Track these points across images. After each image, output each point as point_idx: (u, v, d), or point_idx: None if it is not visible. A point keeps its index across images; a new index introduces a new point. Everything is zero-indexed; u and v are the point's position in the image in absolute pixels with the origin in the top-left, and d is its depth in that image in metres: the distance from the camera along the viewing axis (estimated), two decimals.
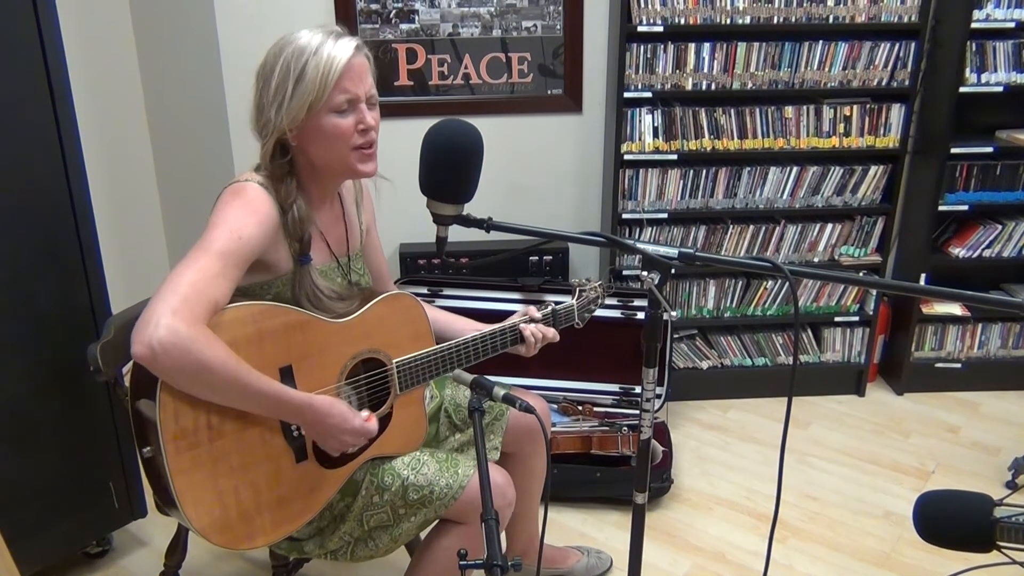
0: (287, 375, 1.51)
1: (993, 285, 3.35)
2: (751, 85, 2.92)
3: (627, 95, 2.88)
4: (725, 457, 2.91)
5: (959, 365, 3.29)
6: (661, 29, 2.82)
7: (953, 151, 2.98)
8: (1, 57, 1.87)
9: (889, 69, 2.93)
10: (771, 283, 3.15)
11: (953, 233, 3.22)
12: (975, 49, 2.90)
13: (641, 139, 2.94)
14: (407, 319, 1.72)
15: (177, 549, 2.02)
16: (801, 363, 3.28)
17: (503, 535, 2.02)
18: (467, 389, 1.52)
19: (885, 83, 2.94)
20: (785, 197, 3.05)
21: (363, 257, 1.80)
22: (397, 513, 1.68)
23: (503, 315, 1.87)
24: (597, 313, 2.82)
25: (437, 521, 1.74)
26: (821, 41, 2.88)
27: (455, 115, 1.44)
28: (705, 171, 2.99)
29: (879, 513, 2.62)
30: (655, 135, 2.94)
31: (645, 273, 1.35)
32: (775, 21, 2.84)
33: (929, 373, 3.30)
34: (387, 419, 1.68)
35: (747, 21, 2.84)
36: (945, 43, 2.94)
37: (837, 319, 3.21)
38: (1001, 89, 2.94)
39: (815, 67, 2.91)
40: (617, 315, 2.88)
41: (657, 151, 2.95)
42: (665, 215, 3.03)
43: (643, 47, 2.84)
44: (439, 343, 1.74)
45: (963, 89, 2.92)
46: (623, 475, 2.57)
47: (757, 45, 2.87)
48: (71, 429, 2.15)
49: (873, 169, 3.03)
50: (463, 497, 1.67)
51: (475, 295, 2.86)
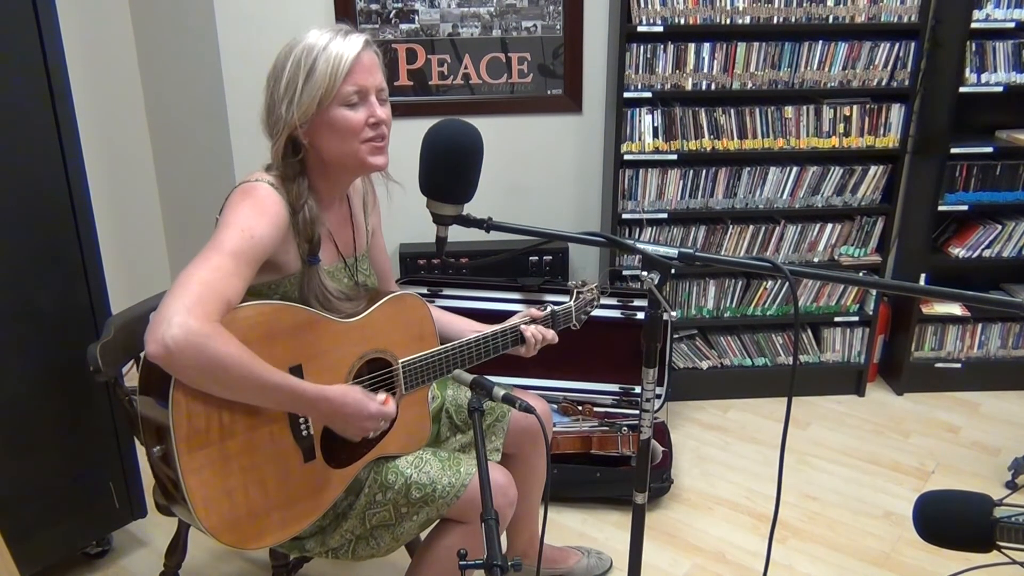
0: (296, 374, 1.51)
1: (993, 285, 3.35)
2: (751, 85, 2.92)
3: (627, 95, 2.88)
4: (725, 457, 2.91)
5: (959, 365, 3.29)
6: (661, 29, 2.82)
7: (953, 151, 2.98)
8: (1, 57, 1.87)
9: (889, 69, 2.93)
10: (771, 283, 3.15)
11: (953, 233, 3.22)
12: (975, 49, 2.90)
13: (641, 139, 2.94)
14: (413, 319, 1.73)
15: (177, 549, 2.02)
16: (801, 363, 3.28)
17: (504, 535, 2.02)
18: (468, 389, 1.52)
19: (885, 83, 2.94)
20: (785, 197, 3.05)
21: (369, 258, 1.81)
22: (399, 512, 1.69)
23: (503, 315, 1.88)
24: (597, 313, 2.83)
25: (438, 520, 1.74)
26: (821, 41, 2.88)
27: (455, 115, 1.45)
28: (705, 171, 2.99)
29: (879, 513, 2.62)
30: (655, 135, 2.94)
31: (645, 273, 1.35)
32: (775, 21, 2.85)
33: (929, 373, 3.30)
34: (392, 419, 1.68)
35: (747, 21, 2.84)
36: (945, 43, 2.94)
37: (837, 319, 3.22)
38: (1001, 89, 2.94)
39: (815, 67, 2.91)
40: (617, 315, 2.88)
41: (657, 151, 2.95)
42: (665, 215, 3.03)
43: (643, 47, 2.84)
44: (442, 343, 1.75)
45: (963, 89, 2.92)
46: (623, 475, 2.57)
47: (757, 45, 2.87)
48: (71, 429, 2.15)
49: (873, 169, 3.03)
50: (465, 496, 1.67)
51: (475, 295, 2.87)
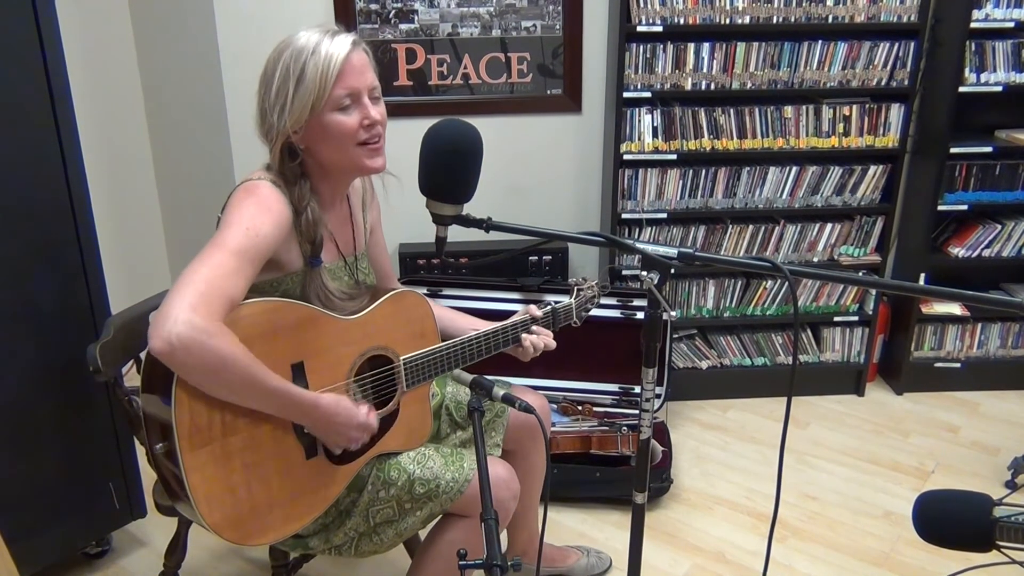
0: (299, 371, 1.52)
1: (992, 285, 3.35)
2: (750, 85, 2.92)
3: (626, 95, 2.88)
4: (725, 457, 2.91)
5: (958, 365, 3.29)
6: (660, 29, 2.82)
7: (952, 151, 2.99)
8: (0, 58, 1.87)
9: (888, 69, 2.93)
10: (770, 283, 3.15)
11: (952, 233, 3.22)
12: (974, 49, 2.90)
13: (640, 139, 2.94)
14: (414, 317, 1.73)
15: (177, 549, 2.02)
16: (800, 363, 3.28)
17: (504, 533, 2.02)
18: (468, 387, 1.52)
19: (884, 83, 2.94)
20: (784, 197, 3.05)
21: (368, 256, 1.81)
22: (403, 507, 1.69)
23: (503, 315, 1.88)
24: (597, 313, 2.84)
25: (441, 517, 1.75)
26: (820, 41, 2.88)
27: (454, 115, 1.44)
28: (704, 171, 2.99)
29: (879, 513, 2.62)
30: (654, 135, 2.94)
31: (644, 273, 1.35)
32: (774, 21, 2.85)
33: (929, 373, 3.30)
34: (394, 415, 1.69)
35: (746, 21, 2.84)
36: (944, 43, 2.94)
37: (836, 319, 3.22)
38: (1000, 89, 2.94)
39: (814, 67, 2.91)
40: (617, 315, 2.88)
41: (656, 151, 2.95)
42: (664, 215, 3.03)
43: (642, 47, 2.84)
44: (443, 340, 1.75)
45: (962, 89, 2.92)
46: (623, 475, 2.57)
47: (756, 45, 2.87)
48: (70, 429, 2.15)
49: (872, 169, 3.03)
50: (468, 491, 1.68)
51: (475, 295, 2.86)
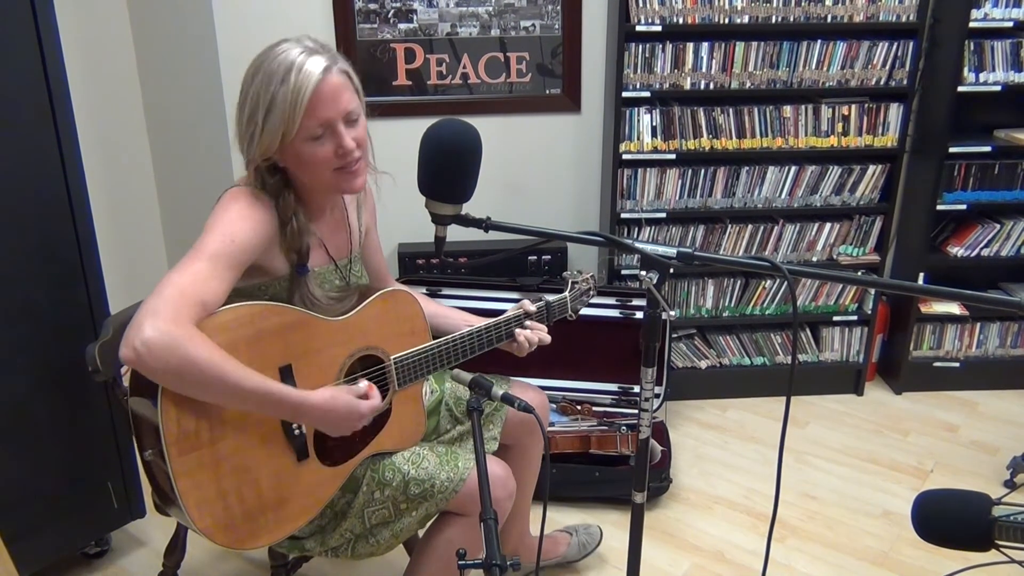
0: (287, 374, 1.51)
1: (991, 284, 3.35)
2: (749, 84, 2.92)
3: (625, 95, 2.88)
4: (724, 456, 2.91)
5: (957, 364, 3.29)
6: (659, 28, 2.82)
7: (951, 150, 2.98)
8: None
9: (887, 68, 2.93)
10: (770, 282, 3.15)
11: (951, 232, 3.22)
12: (973, 48, 2.90)
13: (639, 139, 2.94)
14: (404, 315, 1.72)
15: (176, 549, 2.03)
16: (800, 362, 3.28)
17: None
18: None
19: (883, 82, 2.94)
20: (783, 196, 3.05)
21: (361, 258, 1.81)
22: (398, 508, 1.69)
23: (501, 315, 1.87)
24: (596, 313, 2.85)
25: (437, 515, 1.75)
26: (819, 40, 2.88)
27: (453, 115, 1.44)
28: (704, 170, 2.99)
29: (878, 512, 2.62)
30: (653, 135, 2.94)
31: (644, 272, 1.35)
32: (773, 20, 2.85)
33: (928, 372, 3.30)
34: (386, 415, 1.68)
35: (745, 21, 2.84)
36: (943, 42, 2.94)
37: (836, 318, 3.22)
38: (999, 88, 2.94)
39: (813, 66, 2.91)
40: (616, 315, 2.88)
41: (656, 151, 2.95)
42: (664, 214, 3.03)
43: (641, 46, 2.84)
44: (435, 337, 1.74)
45: (961, 88, 2.92)
46: (622, 475, 2.57)
47: (755, 44, 2.87)
48: (69, 429, 2.15)
49: (871, 168, 3.03)
50: (464, 490, 1.68)
51: (474, 295, 2.86)
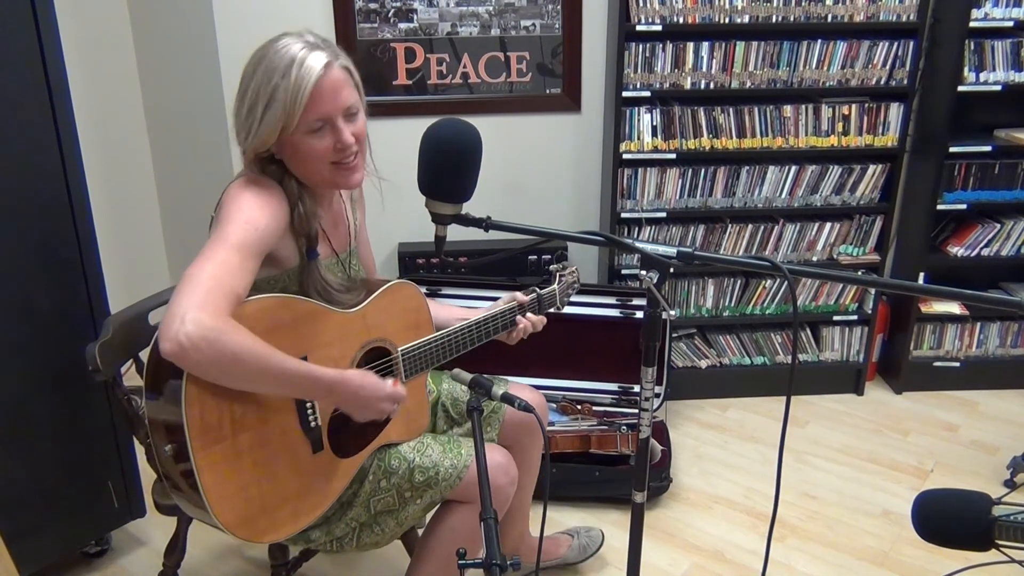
0: None
1: (991, 284, 3.35)
2: (750, 84, 2.92)
3: (626, 94, 2.88)
4: (724, 456, 2.91)
5: (958, 364, 3.29)
6: (660, 28, 2.82)
7: (951, 150, 2.98)
8: None
9: (888, 68, 2.93)
10: (770, 282, 3.15)
11: (952, 232, 3.22)
12: (973, 48, 2.90)
13: (640, 138, 2.94)
14: (409, 308, 1.75)
15: (176, 548, 2.02)
16: (800, 362, 3.28)
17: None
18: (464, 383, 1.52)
19: (884, 82, 2.94)
20: (784, 196, 3.05)
21: (356, 253, 1.82)
22: (403, 496, 1.70)
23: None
24: (596, 312, 2.85)
25: (439, 505, 1.77)
26: (820, 40, 2.88)
27: (454, 114, 1.44)
28: (704, 170, 2.99)
29: (878, 512, 2.62)
30: (654, 134, 2.94)
31: (644, 272, 1.35)
32: (774, 20, 2.84)
33: (928, 372, 3.30)
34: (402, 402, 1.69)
35: (745, 20, 2.84)
36: (943, 42, 2.94)
37: (836, 318, 3.22)
38: (999, 88, 2.94)
39: (813, 66, 2.91)
40: (616, 314, 2.88)
41: (656, 150, 2.95)
42: (664, 214, 3.03)
43: (642, 46, 2.84)
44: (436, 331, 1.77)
45: (961, 88, 2.92)
46: (622, 474, 2.57)
47: (756, 44, 2.87)
48: (69, 429, 2.15)
49: (872, 168, 3.03)
50: (467, 478, 1.70)
51: (474, 295, 2.86)
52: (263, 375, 1.40)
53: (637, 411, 1.52)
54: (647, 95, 2.89)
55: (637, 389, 2.82)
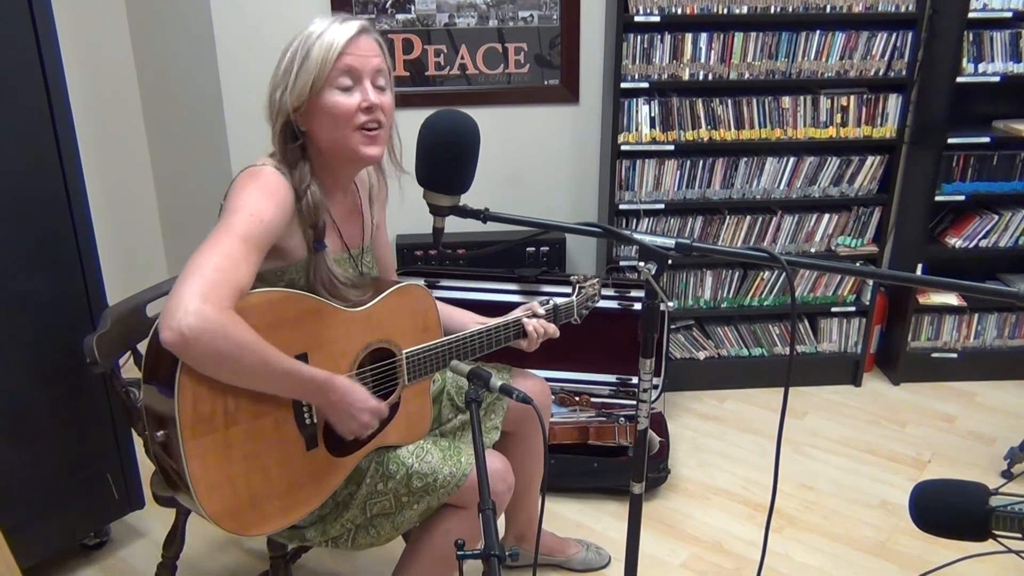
0: (302, 363, 1.52)
1: (989, 275, 3.35)
2: (748, 75, 2.91)
3: (624, 85, 2.87)
4: (722, 447, 2.92)
5: (955, 355, 3.30)
6: (658, 19, 2.81)
7: (950, 141, 2.98)
8: None
9: (886, 59, 2.92)
10: (768, 273, 3.15)
11: (950, 223, 3.22)
12: (972, 39, 2.89)
13: (638, 130, 2.94)
14: (417, 310, 1.73)
15: (175, 540, 2.03)
16: (798, 353, 3.28)
17: (502, 516, 2.03)
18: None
19: (882, 73, 2.94)
20: (782, 187, 3.04)
21: (372, 251, 1.81)
22: (400, 501, 1.70)
23: (501, 306, 1.88)
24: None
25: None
26: (818, 31, 2.87)
27: (451, 106, 1.44)
28: (702, 162, 2.99)
29: (875, 503, 2.63)
30: (652, 126, 2.94)
31: (642, 263, 1.35)
32: (772, 11, 2.83)
33: (925, 363, 3.30)
34: (394, 409, 1.69)
35: (744, 11, 2.83)
36: (942, 33, 2.94)
37: (834, 309, 3.22)
38: (998, 79, 2.94)
39: (812, 57, 2.90)
40: (614, 306, 2.88)
41: (654, 141, 2.95)
42: (662, 205, 3.02)
43: (640, 37, 2.83)
44: (444, 335, 1.75)
45: (960, 79, 2.91)
46: (620, 465, 2.58)
47: (754, 35, 2.86)
48: (68, 421, 2.15)
49: (870, 159, 3.03)
50: (466, 485, 1.69)
51: (472, 286, 2.86)
52: (258, 372, 1.40)
53: (635, 402, 1.52)
54: (645, 86, 2.89)
55: (635, 380, 2.82)
